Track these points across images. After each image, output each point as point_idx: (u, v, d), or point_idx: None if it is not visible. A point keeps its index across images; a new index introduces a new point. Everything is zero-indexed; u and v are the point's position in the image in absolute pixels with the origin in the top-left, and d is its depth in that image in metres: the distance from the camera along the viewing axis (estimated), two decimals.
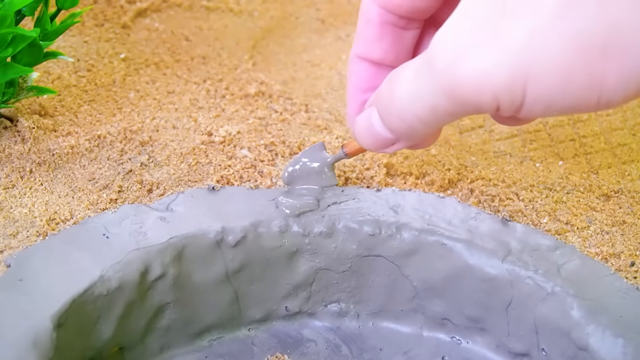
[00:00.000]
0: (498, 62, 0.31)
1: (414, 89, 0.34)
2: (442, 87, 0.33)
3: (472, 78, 0.31)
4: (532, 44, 0.30)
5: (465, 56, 0.32)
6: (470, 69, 0.31)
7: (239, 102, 0.55)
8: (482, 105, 0.32)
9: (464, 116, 0.35)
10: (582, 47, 0.30)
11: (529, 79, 0.31)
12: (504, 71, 0.31)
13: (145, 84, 0.56)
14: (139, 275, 0.43)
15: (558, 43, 0.30)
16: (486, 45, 0.31)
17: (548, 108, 0.32)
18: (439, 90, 0.33)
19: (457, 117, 0.34)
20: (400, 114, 0.35)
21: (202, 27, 0.62)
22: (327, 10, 0.66)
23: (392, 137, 0.38)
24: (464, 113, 0.34)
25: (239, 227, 0.46)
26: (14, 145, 0.48)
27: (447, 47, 0.32)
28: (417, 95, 0.34)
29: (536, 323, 0.45)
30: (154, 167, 0.49)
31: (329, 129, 0.54)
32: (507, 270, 0.45)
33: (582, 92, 0.31)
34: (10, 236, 0.44)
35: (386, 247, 0.47)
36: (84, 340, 0.42)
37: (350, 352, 0.48)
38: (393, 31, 0.40)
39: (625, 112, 0.59)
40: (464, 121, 0.57)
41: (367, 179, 0.50)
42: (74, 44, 0.58)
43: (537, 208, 0.49)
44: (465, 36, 0.32)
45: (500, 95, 0.31)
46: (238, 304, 0.48)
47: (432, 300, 0.48)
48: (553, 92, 0.31)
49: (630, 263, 0.46)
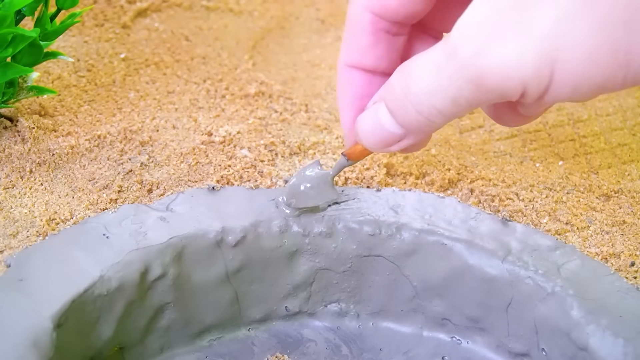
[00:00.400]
0: (525, 49, 0.31)
1: (434, 82, 0.34)
2: (468, 78, 0.33)
3: (500, 66, 0.32)
4: (558, 28, 0.31)
5: (490, 45, 0.32)
6: (497, 57, 0.32)
7: (239, 102, 0.55)
8: (508, 92, 0.33)
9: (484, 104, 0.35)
10: (606, 26, 0.30)
11: (557, 63, 0.31)
12: (532, 57, 0.31)
13: (145, 84, 0.56)
14: (139, 275, 0.43)
15: (583, 25, 0.31)
16: (511, 32, 0.31)
17: (575, 90, 0.32)
18: (464, 80, 0.33)
19: (477, 106, 0.34)
20: (418, 107, 0.35)
21: (202, 27, 0.62)
22: (327, 10, 0.66)
23: (401, 132, 0.37)
24: (486, 102, 0.34)
25: (239, 227, 0.46)
26: (14, 145, 0.48)
27: (471, 36, 0.32)
28: (438, 88, 0.34)
29: (536, 323, 0.45)
30: (154, 167, 0.49)
31: (329, 129, 0.54)
32: (507, 270, 0.45)
33: (609, 70, 0.31)
34: (10, 236, 0.44)
35: (386, 247, 0.47)
36: (84, 340, 0.42)
37: (350, 352, 0.48)
38: (386, 38, 0.40)
39: (625, 112, 0.59)
40: (464, 121, 0.57)
41: (367, 179, 0.50)
42: (74, 44, 0.58)
43: (537, 208, 0.49)
44: (488, 25, 0.32)
45: (528, 81, 0.32)
46: (238, 304, 0.48)
47: (432, 300, 0.48)
48: (580, 74, 0.31)
49: (630, 263, 0.46)
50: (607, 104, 0.59)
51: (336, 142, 0.52)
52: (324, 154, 0.51)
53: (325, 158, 0.50)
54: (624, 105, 0.59)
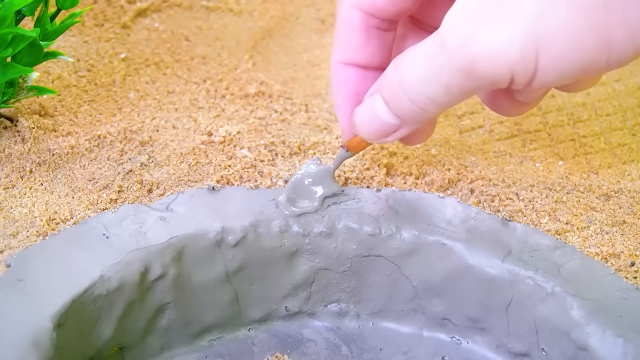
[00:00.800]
0: (510, 36, 0.32)
1: (427, 71, 0.35)
2: (457, 66, 0.34)
3: (487, 53, 0.33)
4: (540, 13, 0.32)
5: (477, 33, 0.33)
6: (483, 45, 0.33)
7: (239, 102, 0.55)
8: (497, 79, 0.33)
9: (476, 93, 0.36)
10: (586, 7, 0.31)
11: (540, 47, 0.32)
12: (517, 44, 0.32)
13: (145, 84, 0.56)
14: (139, 275, 0.43)
15: (564, 9, 0.31)
16: (497, 20, 0.32)
17: (560, 73, 0.33)
18: (454, 69, 0.34)
19: (469, 95, 0.35)
20: (412, 96, 0.36)
21: (202, 27, 0.62)
22: (327, 10, 0.66)
23: (397, 122, 0.39)
24: (477, 89, 0.35)
25: (239, 227, 0.46)
26: (14, 145, 0.48)
27: (458, 26, 0.33)
28: (431, 77, 0.35)
29: (536, 323, 0.45)
30: (154, 167, 0.49)
31: (329, 129, 0.54)
32: (507, 270, 0.45)
33: (592, 53, 0.32)
34: (10, 236, 0.44)
35: (386, 247, 0.47)
36: (84, 340, 0.42)
37: (350, 352, 0.48)
38: (377, 34, 0.41)
39: (625, 112, 0.59)
40: (464, 121, 0.57)
41: (367, 179, 0.50)
42: (74, 44, 0.58)
43: (537, 208, 0.49)
44: (474, 14, 0.33)
45: (515, 66, 0.33)
46: (238, 304, 0.48)
47: (432, 300, 0.48)
48: (564, 58, 0.32)
49: (630, 263, 0.46)
50: (607, 104, 0.59)
51: (336, 142, 0.52)
52: (324, 154, 0.51)
53: (325, 158, 0.50)
54: (624, 105, 0.59)
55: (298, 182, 0.47)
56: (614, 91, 0.60)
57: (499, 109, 0.41)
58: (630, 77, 0.62)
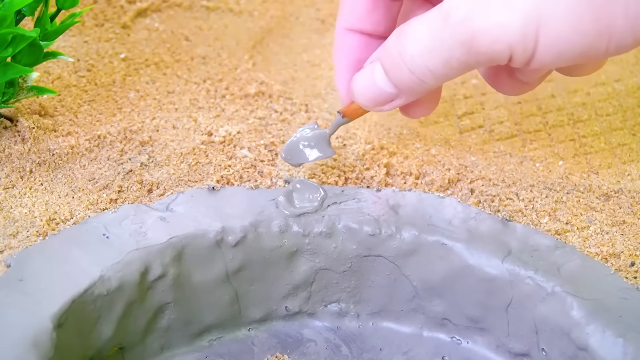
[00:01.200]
0: (511, 15, 0.33)
1: (428, 43, 0.35)
2: (459, 40, 0.34)
3: (488, 29, 0.33)
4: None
5: (480, 9, 0.33)
6: (485, 21, 0.33)
7: (239, 102, 0.55)
8: (497, 56, 0.34)
9: (475, 68, 0.37)
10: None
11: (541, 27, 0.32)
12: (518, 23, 0.33)
13: (145, 84, 0.56)
14: (139, 275, 0.43)
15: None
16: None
17: (559, 56, 0.33)
18: (455, 42, 0.34)
19: (468, 69, 0.36)
20: (412, 67, 0.37)
21: (202, 27, 0.62)
22: (327, 10, 0.66)
23: (394, 92, 0.39)
24: (476, 64, 0.35)
25: (239, 227, 0.46)
26: (14, 145, 0.48)
27: (462, 1, 0.34)
28: (432, 49, 0.35)
29: (536, 323, 0.45)
30: (154, 167, 0.49)
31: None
32: (507, 270, 0.45)
33: (592, 38, 0.32)
34: (10, 236, 0.44)
35: (386, 247, 0.47)
36: (84, 340, 0.42)
37: (350, 352, 0.48)
38: (384, 3, 0.42)
39: (625, 112, 0.59)
40: (464, 121, 0.57)
41: (367, 179, 0.50)
42: (74, 44, 0.58)
43: (537, 208, 0.49)
44: None
45: (514, 45, 0.33)
46: (238, 304, 0.48)
47: (432, 300, 0.48)
48: (563, 40, 0.33)
49: (630, 263, 0.46)
50: (607, 104, 0.59)
51: (336, 142, 0.52)
52: None
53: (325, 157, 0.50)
54: (624, 105, 0.59)
55: (292, 145, 0.47)
56: (614, 91, 0.60)
57: (499, 87, 0.42)
58: (630, 77, 0.62)
